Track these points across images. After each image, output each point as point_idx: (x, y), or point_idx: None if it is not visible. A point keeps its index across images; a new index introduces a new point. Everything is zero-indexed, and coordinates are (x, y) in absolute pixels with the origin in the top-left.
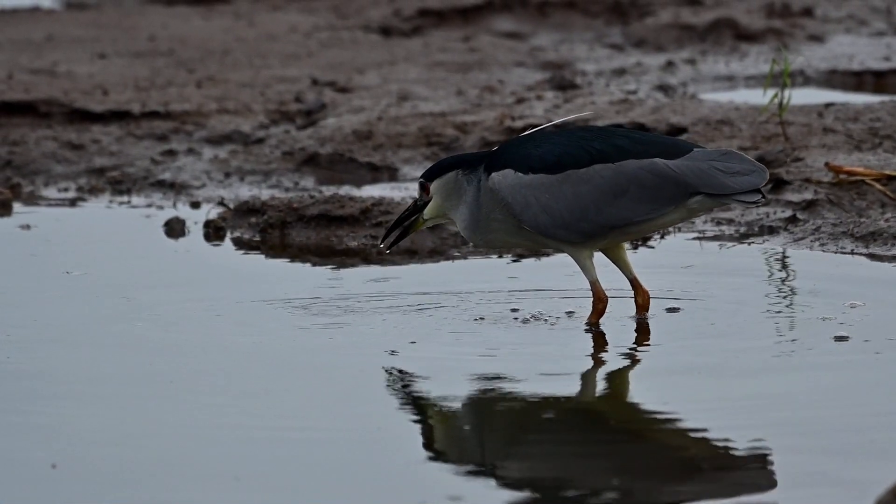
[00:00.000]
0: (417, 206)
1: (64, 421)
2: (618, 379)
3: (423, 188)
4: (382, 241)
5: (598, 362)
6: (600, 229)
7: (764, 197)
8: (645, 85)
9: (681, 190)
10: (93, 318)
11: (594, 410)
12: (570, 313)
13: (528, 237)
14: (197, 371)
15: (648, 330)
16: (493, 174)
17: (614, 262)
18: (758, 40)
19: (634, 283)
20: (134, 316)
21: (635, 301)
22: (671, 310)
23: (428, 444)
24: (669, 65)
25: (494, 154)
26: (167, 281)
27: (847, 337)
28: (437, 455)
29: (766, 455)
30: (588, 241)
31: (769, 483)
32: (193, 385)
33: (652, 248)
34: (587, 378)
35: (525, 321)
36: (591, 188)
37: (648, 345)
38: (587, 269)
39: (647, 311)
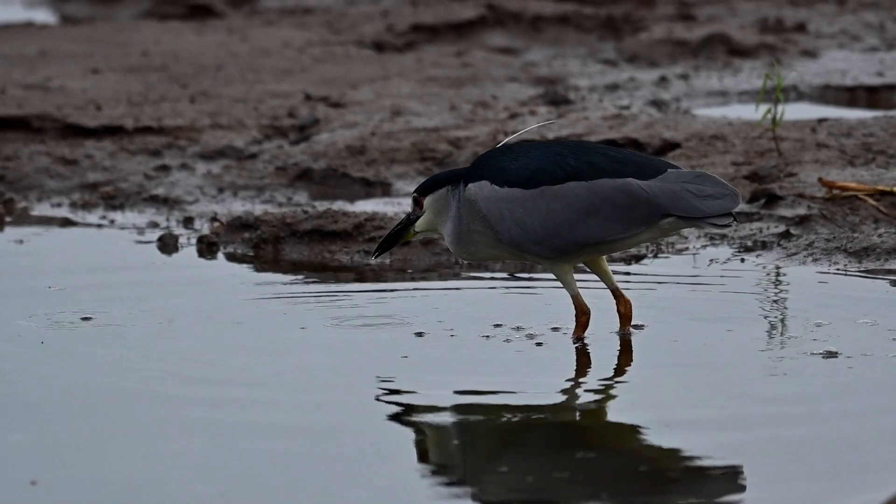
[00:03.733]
0: (410, 220)
1: (44, 435)
2: (599, 395)
3: (417, 203)
4: (373, 254)
5: (580, 379)
6: (573, 246)
7: (735, 220)
8: (638, 100)
9: (652, 211)
10: (76, 333)
11: (575, 426)
12: (555, 329)
13: (507, 250)
14: (182, 386)
15: (631, 345)
16: (470, 185)
17: (594, 272)
18: (751, 56)
19: (616, 293)
20: (119, 332)
21: (618, 311)
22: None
23: (415, 460)
24: (662, 80)
25: (472, 166)
26: (157, 294)
27: (837, 353)
28: (424, 471)
29: (741, 470)
30: (562, 257)
31: (741, 496)
32: (179, 402)
33: (645, 264)
34: (568, 395)
35: (506, 339)
36: (564, 205)
37: (631, 360)
38: (567, 284)
39: (630, 320)
